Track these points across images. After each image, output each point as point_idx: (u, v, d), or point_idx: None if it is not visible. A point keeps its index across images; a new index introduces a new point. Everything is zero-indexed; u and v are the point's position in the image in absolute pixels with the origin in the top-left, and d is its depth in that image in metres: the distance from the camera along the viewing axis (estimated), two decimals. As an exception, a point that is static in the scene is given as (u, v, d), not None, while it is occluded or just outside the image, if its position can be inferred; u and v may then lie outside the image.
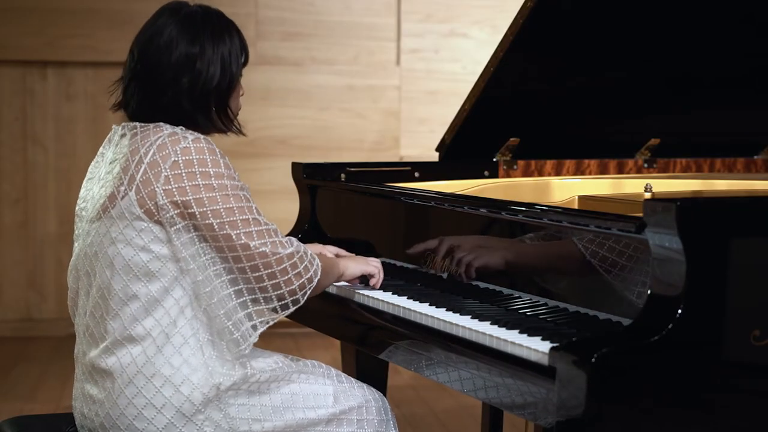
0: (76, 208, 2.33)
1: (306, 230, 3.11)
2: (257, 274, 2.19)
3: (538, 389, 1.94)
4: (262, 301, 2.22)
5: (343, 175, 3.07)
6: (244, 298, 2.21)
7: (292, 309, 2.25)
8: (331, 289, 2.64)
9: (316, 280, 2.27)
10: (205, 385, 2.18)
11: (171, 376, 2.17)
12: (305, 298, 2.26)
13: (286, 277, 2.21)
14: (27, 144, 5.74)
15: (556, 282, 2.30)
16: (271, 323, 2.25)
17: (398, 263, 2.75)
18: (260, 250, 2.18)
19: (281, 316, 2.27)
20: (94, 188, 2.27)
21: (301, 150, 5.79)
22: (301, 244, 2.28)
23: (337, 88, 5.92)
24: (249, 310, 2.21)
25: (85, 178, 2.34)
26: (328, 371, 2.38)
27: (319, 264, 2.29)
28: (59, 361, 5.17)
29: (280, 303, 2.23)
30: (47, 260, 5.78)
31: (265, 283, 2.20)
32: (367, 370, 2.95)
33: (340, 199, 3.08)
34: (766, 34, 3.26)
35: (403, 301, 2.43)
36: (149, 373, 2.17)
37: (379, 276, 2.55)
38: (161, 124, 2.22)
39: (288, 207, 3.84)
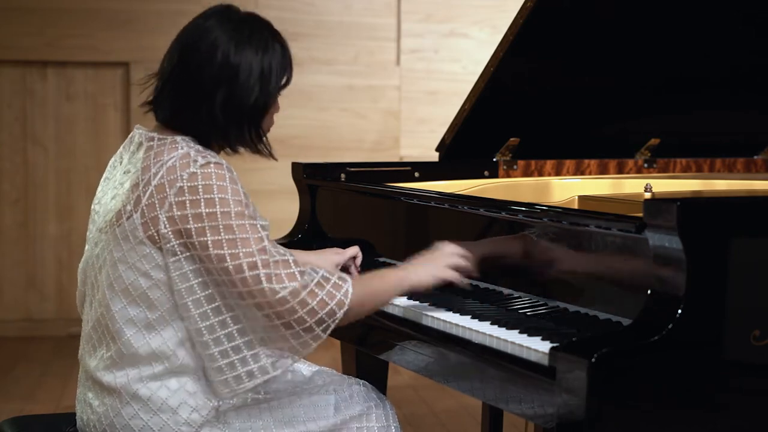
0: (92, 207, 2.26)
1: (306, 230, 3.11)
2: (263, 312, 2.06)
3: (538, 389, 1.94)
4: (277, 339, 2.09)
5: (343, 175, 3.07)
6: (249, 337, 2.08)
7: (313, 345, 2.09)
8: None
9: (340, 312, 2.08)
10: (204, 407, 2.14)
11: (168, 399, 2.13)
12: (327, 332, 2.09)
13: (297, 316, 2.05)
14: (27, 144, 5.74)
15: (556, 282, 2.30)
16: (290, 365, 2.12)
17: (398, 263, 2.74)
18: (260, 287, 2.03)
19: (303, 353, 2.11)
20: (108, 194, 2.19)
21: (300, 150, 5.79)
22: (318, 273, 2.09)
23: (337, 88, 5.92)
24: (255, 351, 2.09)
25: (103, 176, 2.26)
26: (333, 377, 2.34)
27: (350, 294, 2.10)
28: (59, 361, 5.17)
29: (297, 341, 2.09)
30: (47, 260, 5.77)
31: (274, 322, 2.06)
32: (367, 370, 2.95)
33: (340, 199, 3.08)
34: (766, 34, 3.26)
35: (403, 301, 2.43)
36: (146, 396, 2.13)
37: (461, 276, 2.29)
38: (178, 140, 2.11)
39: (288, 207, 3.83)
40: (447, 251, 2.32)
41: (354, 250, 2.65)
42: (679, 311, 1.90)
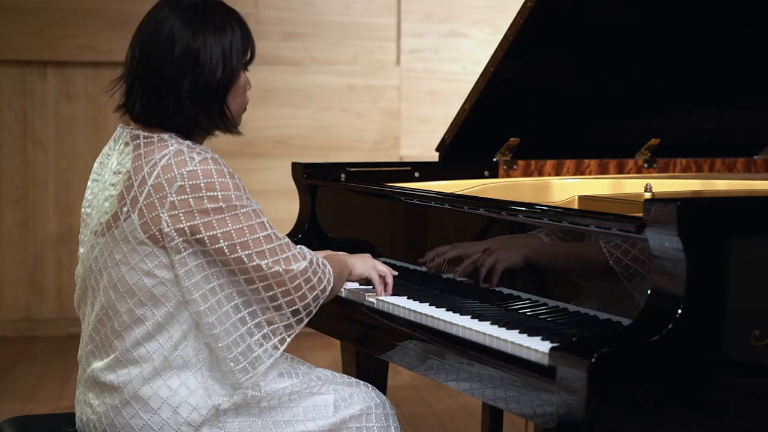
0: (82, 210, 2.26)
1: (306, 230, 3.11)
2: (271, 293, 2.16)
3: (538, 389, 1.94)
4: (276, 318, 2.19)
5: (343, 175, 3.07)
6: (259, 319, 2.17)
7: (306, 320, 2.22)
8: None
9: (329, 288, 2.24)
10: (204, 406, 2.15)
11: (168, 398, 2.14)
12: (318, 307, 2.23)
13: (300, 292, 2.18)
14: (27, 144, 5.74)
15: (556, 282, 2.30)
16: (289, 340, 2.21)
17: (398, 263, 2.75)
18: (273, 269, 2.14)
19: (297, 329, 2.22)
20: (99, 195, 2.19)
21: (300, 150, 5.79)
22: (313, 253, 2.25)
23: (337, 88, 5.92)
24: (264, 331, 2.17)
25: (90, 178, 2.27)
26: (333, 377, 2.34)
27: (332, 272, 2.26)
28: (59, 361, 5.17)
29: (295, 318, 2.20)
30: (47, 260, 5.77)
31: (279, 301, 2.17)
32: (367, 370, 2.95)
33: (340, 199, 3.08)
34: (766, 34, 3.26)
35: (403, 301, 2.43)
36: (146, 395, 2.14)
37: (382, 284, 2.50)
38: (165, 137, 2.13)
39: (288, 207, 3.84)
40: (379, 262, 2.53)
41: None
42: (679, 311, 1.90)
